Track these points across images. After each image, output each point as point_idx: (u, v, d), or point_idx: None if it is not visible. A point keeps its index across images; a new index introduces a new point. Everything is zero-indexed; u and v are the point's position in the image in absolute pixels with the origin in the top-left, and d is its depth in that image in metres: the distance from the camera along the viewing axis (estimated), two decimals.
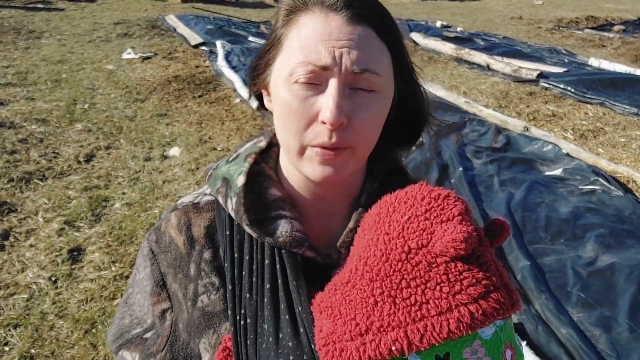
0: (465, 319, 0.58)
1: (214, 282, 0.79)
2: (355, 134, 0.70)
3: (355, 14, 0.69)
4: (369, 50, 0.69)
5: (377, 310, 0.61)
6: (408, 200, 0.66)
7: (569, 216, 3.49)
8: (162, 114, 5.52)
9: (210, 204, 0.84)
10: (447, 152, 4.42)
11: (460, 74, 7.52)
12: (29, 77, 6.58)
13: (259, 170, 0.82)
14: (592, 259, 3.08)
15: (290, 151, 0.73)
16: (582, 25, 12.38)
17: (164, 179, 4.11)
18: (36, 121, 5.13)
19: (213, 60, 7.45)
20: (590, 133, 5.26)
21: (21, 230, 3.35)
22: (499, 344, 0.62)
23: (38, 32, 9.09)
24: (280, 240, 0.74)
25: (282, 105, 0.71)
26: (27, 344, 2.46)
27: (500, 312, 0.60)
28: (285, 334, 0.71)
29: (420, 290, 0.60)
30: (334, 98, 0.67)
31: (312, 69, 0.68)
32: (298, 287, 0.73)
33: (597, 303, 2.73)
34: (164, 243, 0.83)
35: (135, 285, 0.88)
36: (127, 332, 0.86)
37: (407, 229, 0.62)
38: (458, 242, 0.58)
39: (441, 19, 12.42)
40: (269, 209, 0.78)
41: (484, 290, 0.60)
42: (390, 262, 0.62)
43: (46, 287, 2.84)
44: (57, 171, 4.13)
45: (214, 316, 0.78)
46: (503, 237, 0.68)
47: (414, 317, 0.59)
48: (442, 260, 0.60)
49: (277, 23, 0.75)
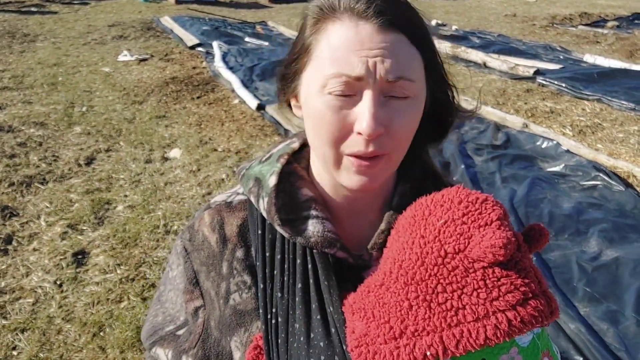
0: (502, 326, 0.57)
1: (246, 281, 0.79)
2: (392, 140, 0.70)
3: (386, 21, 0.68)
4: (401, 57, 0.68)
5: (411, 314, 0.60)
6: (445, 204, 0.65)
7: (572, 211, 3.51)
8: (161, 115, 5.51)
9: (242, 203, 0.85)
10: (448, 150, 4.43)
11: (457, 72, 7.53)
12: (25, 80, 6.54)
13: (291, 171, 0.82)
14: (597, 253, 3.09)
15: (326, 160, 0.73)
16: (576, 22, 12.44)
17: (165, 180, 4.09)
18: (34, 125, 5.10)
19: (210, 61, 7.43)
20: (588, 129, 5.29)
21: (24, 235, 3.34)
22: (537, 351, 0.62)
23: (32, 36, 9.04)
24: (312, 240, 0.74)
25: (316, 116, 0.70)
26: (35, 348, 2.45)
27: (538, 319, 0.59)
28: (317, 334, 0.71)
29: (456, 295, 0.59)
30: (369, 109, 0.67)
31: (345, 80, 0.67)
32: (329, 287, 0.73)
33: (603, 297, 2.74)
34: (197, 241, 0.84)
35: (167, 282, 0.88)
36: (160, 329, 0.87)
37: (444, 233, 0.62)
38: (497, 247, 0.57)
39: (436, 18, 12.44)
40: (300, 209, 0.78)
41: (522, 297, 0.59)
42: (426, 266, 0.61)
43: (52, 291, 2.83)
44: (58, 174, 4.11)
45: (245, 314, 0.78)
46: (542, 242, 0.67)
47: (449, 322, 0.58)
48: (479, 265, 0.59)
49: (305, 31, 0.74)
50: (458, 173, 4.02)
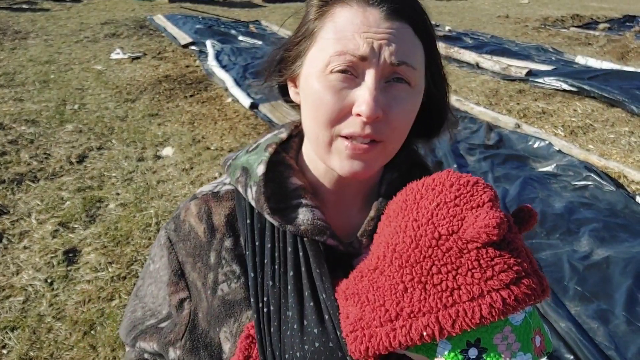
0: (497, 305, 0.57)
1: (235, 271, 0.79)
2: (389, 127, 0.70)
3: (394, 9, 0.69)
4: (406, 44, 0.69)
5: (407, 297, 0.61)
6: (436, 187, 0.65)
7: (564, 211, 3.53)
8: (154, 113, 5.48)
9: (230, 193, 0.84)
10: (441, 150, 4.44)
11: (450, 72, 7.47)
12: (16, 77, 6.49)
13: (279, 160, 0.82)
14: (587, 253, 3.11)
15: (319, 143, 0.73)
16: (567, 23, 12.51)
17: (158, 179, 4.08)
18: (25, 122, 5.07)
19: (203, 59, 7.41)
20: (580, 129, 5.32)
21: (14, 232, 3.31)
22: (529, 330, 0.63)
23: (24, 33, 8.98)
24: (302, 228, 0.75)
25: (315, 96, 0.71)
26: (25, 346, 2.43)
27: (531, 297, 0.59)
28: (310, 321, 0.71)
29: (451, 276, 0.60)
30: (370, 90, 0.67)
31: (350, 59, 0.68)
32: (321, 275, 0.73)
33: (593, 296, 2.76)
34: (184, 231, 0.82)
35: (147, 276, 0.87)
36: (140, 323, 0.85)
37: (437, 216, 0.62)
38: (491, 227, 0.57)
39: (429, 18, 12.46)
40: (289, 197, 0.78)
41: (515, 276, 0.59)
42: (420, 248, 0.61)
43: (42, 289, 2.81)
44: (49, 172, 4.09)
45: (234, 305, 0.78)
46: (531, 223, 0.68)
47: (445, 302, 0.59)
48: (473, 246, 0.60)
49: (309, 15, 0.74)
50: None
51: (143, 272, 0.89)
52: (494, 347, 0.60)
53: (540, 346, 0.65)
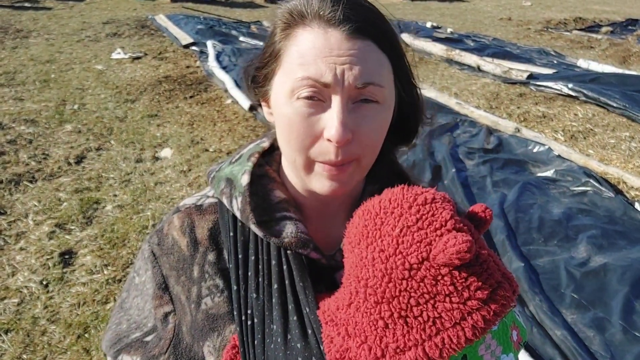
0: (479, 324, 0.58)
1: (218, 284, 0.79)
2: (361, 146, 0.71)
3: (355, 28, 0.68)
4: (370, 63, 0.69)
5: (389, 332, 0.60)
6: (395, 210, 0.63)
7: (562, 217, 3.51)
8: (153, 114, 5.48)
9: (213, 206, 0.84)
10: (439, 153, 4.43)
11: (451, 75, 7.54)
12: (17, 77, 6.50)
13: (262, 173, 0.82)
14: (585, 259, 3.10)
15: (297, 166, 0.73)
16: (570, 26, 12.49)
17: (155, 180, 4.07)
18: (25, 122, 5.07)
19: (204, 60, 7.40)
20: (580, 134, 5.30)
21: (11, 233, 3.31)
22: (506, 329, 0.64)
23: (26, 32, 8.98)
24: (285, 240, 0.75)
25: (285, 122, 0.71)
26: (18, 349, 2.43)
27: (507, 306, 0.60)
28: (294, 335, 0.71)
29: (430, 305, 0.59)
30: (338, 116, 0.67)
31: (313, 84, 0.68)
32: (305, 289, 0.73)
33: (590, 304, 2.74)
34: (167, 245, 0.82)
35: (132, 289, 0.86)
36: (125, 336, 0.84)
37: (403, 243, 0.60)
38: (463, 252, 0.57)
39: (431, 20, 12.47)
40: (273, 210, 0.78)
41: (490, 291, 0.60)
42: (394, 282, 0.60)
43: (37, 292, 2.81)
44: (47, 173, 4.08)
45: (218, 319, 0.77)
46: (488, 223, 0.68)
47: (429, 333, 0.58)
48: (446, 271, 0.59)
49: (275, 37, 0.74)
50: (449, 177, 4.02)
51: (127, 284, 0.88)
52: (479, 358, 0.61)
53: (517, 339, 0.66)
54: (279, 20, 0.74)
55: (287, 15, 0.73)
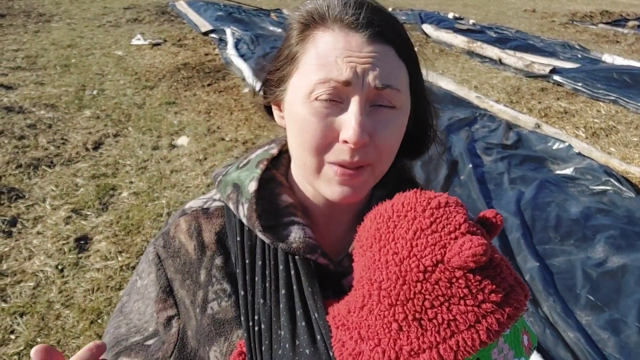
0: (493, 327, 0.58)
1: (226, 289, 0.78)
2: (377, 151, 0.70)
3: (376, 32, 0.69)
4: (389, 67, 0.69)
5: (403, 335, 0.60)
6: (408, 213, 0.64)
7: (580, 216, 3.45)
8: (171, 102, 5.50)
9: (219, 210, 0.83)
10: (456, 148, 4.37)
11: (471, 68, 7.44)
12: (38, 61, 6.57)
13: (270, 177, 0.81)
14: (602, 260, 3.04)
15: (307, 169, 0.72)
16: (596, 20, 12.22)
17: (171, 168, 4.09)
18: (45, 106, 5.12)
19: (222, 48, 7.40)
20: (602, 131, 5.20)
21: (29, 217, 3.36)
22: (517, 334, 0.64)
23: (48, 16, 9.07)
24: (293, 246, 0.74)
25: (300, 123, 0.70)
26: (33, 332, 2.47)
27: (520, 310, 0.61)
28: (302, 341, 0.70)
29: (445, 308, 0.59)
30: (356, 117, 0.67)
31: (334, 85, 0.67)
32: (313, 294, 0.73)
33: (606, 305, 2.70)
34: (173, 248, 0.81)
35: (133, 292, 0.85)
36: (124, 339, 0.83)
37: (417, 246, 0.61)
38: (479, 255, 0.57)
39: (453, 11, 12.28)
40: (281, 215, 0.77)
41: (504, 294, 0.60)
42: (408, 284, 0.60)
43: (53, 276, 2.85)
44: (65, 158, 4.13)
45: (224, 323, 0.77)
46: (498, 228, 0.68)
47: (444, 336, 0.59)
48: (460, 273, 0.59)
49: (291, 39, 0.74)
50: (465, 172, 3.97)
51: (129, 288, 0.87)
52: None
53: (528, 344, 0.66)
54: (296, 23, 0.73)
55: (305, 17, 0.72)
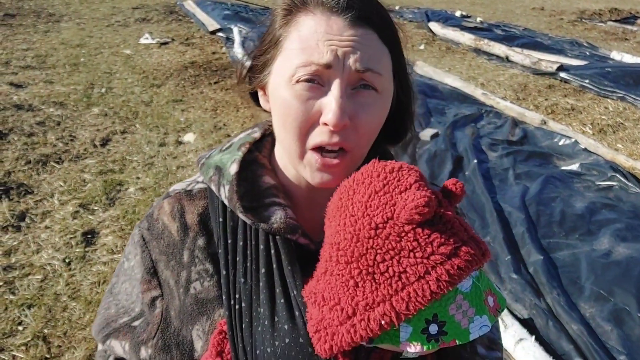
0: (443, 277, 0.60)
1: (208, 269, 0.80)
2: (357, 134, 0.72)
3: (357, 16, 0.70)
4: (371, 50, 0.70)
5: (359, 291, 0.63)
6: (365, 180, 0.67)
7: (585, 212, 3.44)
8: (178, 99, 5.54)
9: (202, 192, 0.85)
10: (462, 144, 4.37)
11: (478, 65, 7.43)
12: (48, 60, 6.64)
13: (252, 159, 0.83)
14: (607, 251, 3.04)
15: (291, 153, 0.74)
16: (605, 17, 12.14)
17: (177, 164, 4.13)
18: (54, 104, 5.18)
19: (230, 46, 7.44)
20: (609, 128, 5.17)
21: (37, 212, 3.40)
22: (479, 293, 0.65)
23: (58, 16, 9.16)
24: (274, 226, 0.75)
25: (283, 106, 0.72)
26: (40, 324, 2.51)
27: (473, 263, 0.63)
28: (281, 317, 0.72)
29: (395, 261, 0.62)
30: (336, 99, 0.68)
31: (315, 68, 0.69)
32: (293, 272, 0.75)
33: (610, 295, 2.69)
34: (157, 230, 0.83)
35: (121, 274, 0.87)
36: (113, 321, 0.85)
37: (370, 207, 0.64)
38: (421, 207, 0.60)
39: (461, 9, 12.25)
40: (262, 196, 0.79)
41: (454, 247, 0.62)
42: (361, 241, 0.63)
43: (60, 269, 2.89)
44: (74, 154, 4.18)
45: (207, 303, 0.78)
46: (459, 195, 0.70)
47: (396, 288, 0.61)
48: (409, 228, 0.62)
49: (275, 24, 0.75)
50: (470, 168, 3.97)
51: (117, 269, 0.89)
52: (451, 317, 0.63)
53: (494, 305, 0.67)
54: (279, 8, 0.75)
55: (288, 3, 0.74)
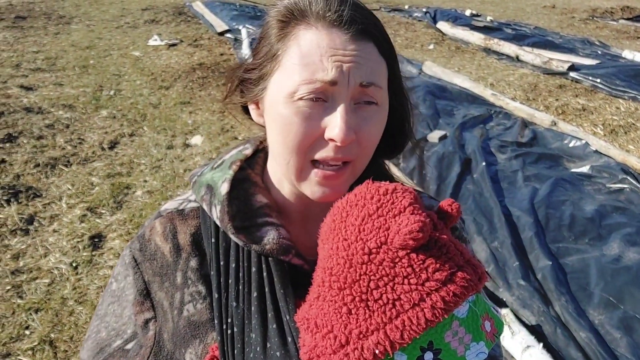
0: (438, 305, 0.58)
1: (201, 291, 0.78)
2: (360, 147, 0.71)
3: (359, 29, 0.69)
4: (372, 64, 0.70)
5: (352, 318, 0.61)
6: (359, 202, 0.65)
7: (595, 215, 3.40)
8: (186, 102, 5.55)
9: (195, 211, 0.83)
10: (470, 146, 4.34)
11: (488, 65, 7.37)
12: (57, 62, 6.68)
13: (244, 177, 0.81)
14: (617, 256, 2.99)
15: (289, 168, 0.72)
16: (617, 15, 11.99)
17: (185, 167, 4.14)
18: (63, 107, 5.21)
19: (238, 48, 7.45)
20: (621, 129, 5.11)
21: (45, 216, 3.42)
22: (476, 318, 0.64)
23: (68, 18, 9.22)
24: (267, 247, 0.74)
25: (283, 122, 0.70)
26: (47, 328, 2.52)
27: (469, 289, 0.61)
28: (273, 344, 0.71)
29: (389, 287, 0.60)
30: (342, 116, 0.67)
31: (319, 85, 0.67)
32: (285, 296, 0.73)
33: (620, 302, 2.65)
34: (149, 251, 0.81)
35: (108, 295, 0.85)
36: (107, 345, 0.82)
37: (364, 231, 0.62)
38: (415, 232, 0.58)
39: (470, 8, 12.16)
40: (255, 215, 0.77)
41: (449, 272, 0.61)
42: (354, 267, 0.62)
43: (67, 273, 2.90)
44: (82, 157, 4.20)
45: (200, 326, 0.77)
46: (455, 217, 0.69)
47: (390, 315, 0.59)
48: (403, 253, 0.60)
49: (269, 36, 0.73)
50: (478, 170, 3.93)
51: (105, 291, 0.87)
52: (446, 345, 0.61)
53: (491, 330, 0.66)
54: (274, 19, 0.73)
55: (284, 14, 0.72)
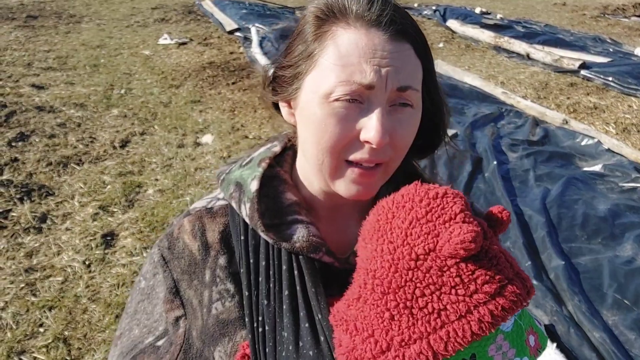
0: (486, 319, 0.57)
1: (229, 289, 0.78)
2: (394, 149, 0.71)
3: (398, 30, 0.68)
4: (409, 66, 0.69)
5: (394, 324, 0.59)
6: (406, 204, 0.64)
7: (608, 214, 3.37)
8: (196, 100, 5.57)
9: (223, 209, 0.83)
10: (481, 145, 4.32)
11: (498, 63, 7.32)
12: (68, 61, 6.72)
13: (273, 174, 0.81)
14: (631, 258, 2.97)
15: (324, 168, 0.72)
16: (629, 12, 11.87)
17: (196, 166, 4.15)
18: (74, 106, 5.25)
19: (247, 46, 7.45)
20: (633, 127, 5.06)
21: (58, 214, 3.45)
22: (521, 332, 0.62)
23: (78, 17, 9.27)
24: (297, 245, 0.73)
25: (318, 123, 0.69)
26: (60, 326, 2.54)
27: (518, 304, 0.59)
28: (306, 342, 0.70)
29: (435, 297, 0.58)
30: (378, 118, 0.67)
31: (356, 87, 0.67)
32: (317, 294, 0.72)
33: (634, 304, 2.63)
34: (178, 249, 0.81)
35: (138, 293, 0.85)
36: (140, 342, 0.82)
37: (411, 235, 0.61)
38: (467, 242, 0.56)
39: (480, 5, 12.08)
40: (284, 213, 0.77)
41: (499, 286, 0.59)
42: (400, 272, 0.60)
43: (80, 271, 2.92)
44: (94, 156, 4.23)
45: (228, 324, 0.76)
46: (505, 224, 0.67)
47: (434, 325, 0.58)
48: (452, 262, 0.59)
49: (305, 34, 0.72)
50: (489, 169, 3.91)
51: (133, 290, 0.87)
52: (490, 359, 0.59)
53: (535, 345, 0.64)
54: (312, 15, 0.72)
55: (324, 11, 0.71)
